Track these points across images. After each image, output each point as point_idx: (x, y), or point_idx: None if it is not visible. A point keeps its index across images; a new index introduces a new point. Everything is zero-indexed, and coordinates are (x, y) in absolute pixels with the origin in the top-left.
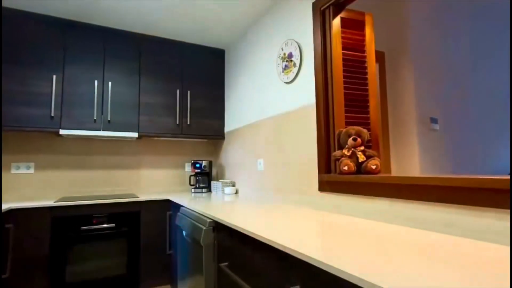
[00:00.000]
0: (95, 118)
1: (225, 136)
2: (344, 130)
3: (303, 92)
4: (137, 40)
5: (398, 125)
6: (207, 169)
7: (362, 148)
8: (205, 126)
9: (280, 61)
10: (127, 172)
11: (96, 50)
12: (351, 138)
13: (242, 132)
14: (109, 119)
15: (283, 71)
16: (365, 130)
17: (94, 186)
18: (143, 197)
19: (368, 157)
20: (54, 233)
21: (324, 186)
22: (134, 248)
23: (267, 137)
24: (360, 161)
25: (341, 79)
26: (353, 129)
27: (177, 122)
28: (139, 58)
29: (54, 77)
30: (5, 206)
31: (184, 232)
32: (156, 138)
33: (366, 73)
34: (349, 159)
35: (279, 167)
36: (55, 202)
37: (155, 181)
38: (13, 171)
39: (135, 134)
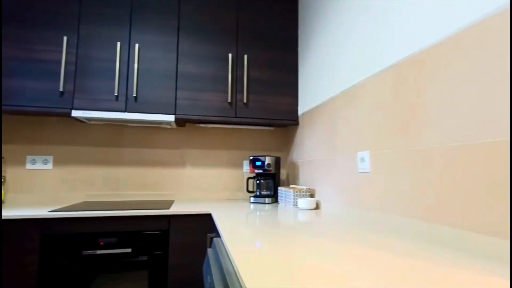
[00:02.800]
0: (116, 93)
1: (300, 120)
2: None
3: None
4: None
5: None
6: (272, 169)
7: None
8: (269, 106)
9: None
10: (164, 171)
11: (120, 0)
12: None
13: (327, 110)
14: (135, 95)
15: None
16: None
17: (122, 188)
18: (173, 210)
19: None
20: (43, 259)
21: None
22: (158, 286)
23: (379, 107)
24: None
25: None
26: None
27: (229, 100)
28: (177, 11)
29: (65, 39)
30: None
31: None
32: (203, 125)
33: None
34: None
35: (409, 162)
36: (49, 211)
37: (203, 184)
38: (28, 166)
39: (171, 117)
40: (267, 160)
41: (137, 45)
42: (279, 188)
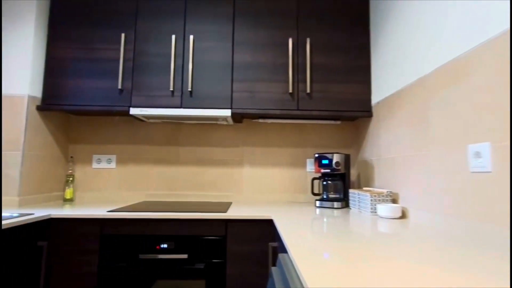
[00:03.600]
0: (171, 89)
1: (373, 110)
2: None
3: None
4: None
5: None
6: (341, 169)
7: None
8: (336, 96)
9: None
10: (221, 171)
11: None
12: None
13: (414, 94)
14: (190, 89)
15: None
16: None
17: (179, 188)
18: (231, 213)
19: None
20: (102, 260)
21: None
22: None
23: (505, 80)
24: None
25: None
26: None
27: (290, 90)
28: None
29: (123, 36)
30: (47, 213)
31: None
32: (261, 121)
33: None
34: None
35: None
36: (108, 211)
37: (261, 185)
38: (95, 165)
39: (227, 112)
40: (336, 158)
41: (191, 37)
42: (351, 190)
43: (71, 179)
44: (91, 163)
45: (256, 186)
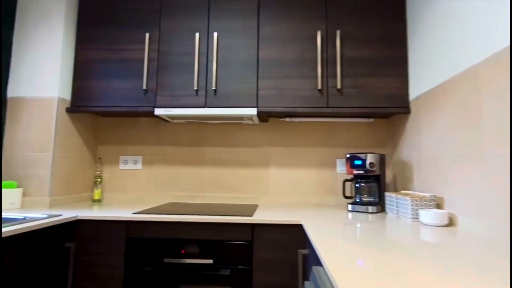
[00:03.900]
0: (195, 88)
1: (411, 106)
2: None
3: None
4: None
5: None
6: (376, 170)
7: None
8: (369, 92)
9: None
10: (247, 172)
11: None
12: None
13: (462, 86)
14: (214, 88)
15: None
16: None
17: (204, 190)
18: (257, 217)
19: None
20: (128, 262)
21: None
22: None
23: None
24: None
25: None
26: None
27: (319, 87)
28: None
29: (147, 35)
30: (74, 214)
31: None
32: (288, 119)
33: None
34: None
35: None
36: (133, 213)
37: (288, 187)
38: (122, 166)
39: (253, 111)
40: (369, 159)
41: (215, 34)
42: (387, 194)
43: (99, 180)
44: (118, 164)
45: (283, 188)
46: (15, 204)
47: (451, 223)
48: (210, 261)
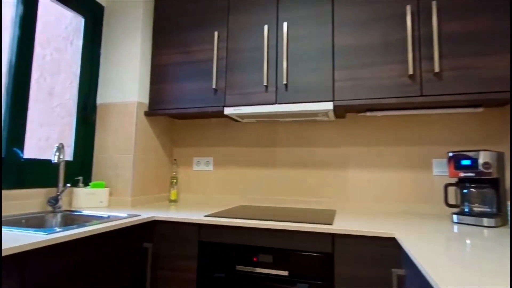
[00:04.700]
0: (265, 83)
1: None
2: None
3: None
4: None
5: None
6: (492, 172)
7: None
8: (477, 74)
9: None
10: (322, 174)
11: None
12: None
13: None
14: (285, 82)
15: None
16: None
17: (276, 193)
18: (339, 226)
19: None
20: (201, 267)
21: None
22: None
23: None
24: None
25: None
26: None
27: (410, 72)
28: None
29: (216, 34)
30: (152, 214)
31: None
32: (369, 114)
33: None
34: None
35: None
36: (204, 216)
37: (371, 191)
38: (195, 167)
39: (329, 106)
40: (483, 158)
41: (285, 24)
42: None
43: (175, 181)
44: (192, 166)
45: (364, 192)
46: (104, 202)
47: None
48: (285, 273)
